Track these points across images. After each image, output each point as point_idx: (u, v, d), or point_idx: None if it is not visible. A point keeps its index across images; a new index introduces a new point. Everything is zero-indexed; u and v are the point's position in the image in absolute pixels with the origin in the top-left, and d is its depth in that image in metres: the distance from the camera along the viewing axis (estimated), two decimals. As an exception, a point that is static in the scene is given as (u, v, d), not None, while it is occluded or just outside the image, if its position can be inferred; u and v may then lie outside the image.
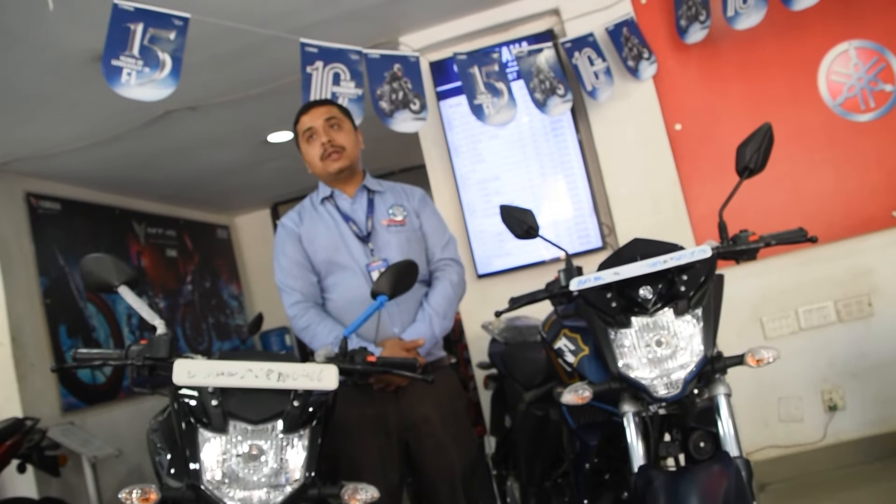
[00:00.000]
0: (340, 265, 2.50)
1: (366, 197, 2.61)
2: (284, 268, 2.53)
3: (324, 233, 2.53)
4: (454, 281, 2.60)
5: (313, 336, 2.43)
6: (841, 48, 3.86)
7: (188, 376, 1.68)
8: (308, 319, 2.46)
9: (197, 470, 1.65)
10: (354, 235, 2.53)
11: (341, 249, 2.51)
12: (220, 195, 6.87)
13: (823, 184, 3.85)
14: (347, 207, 2.58)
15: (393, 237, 2.55)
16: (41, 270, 4.81)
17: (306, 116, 2.58)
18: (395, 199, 2.63)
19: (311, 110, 2.59)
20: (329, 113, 2.57)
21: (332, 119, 2.56)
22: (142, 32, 2.90)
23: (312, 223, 2.56)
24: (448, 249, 2.67)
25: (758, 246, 2.08)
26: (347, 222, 2.55)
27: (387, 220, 2.57)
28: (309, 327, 2.44)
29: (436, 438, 2.45)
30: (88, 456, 4.22)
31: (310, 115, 2.57)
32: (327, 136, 2.53)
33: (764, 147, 2.07)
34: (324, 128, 2.54)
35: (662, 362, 1.94)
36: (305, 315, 2.46)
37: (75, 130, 4.40)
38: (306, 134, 2.56)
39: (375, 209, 2.59)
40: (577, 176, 4.05)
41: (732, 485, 1.81)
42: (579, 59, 3.87)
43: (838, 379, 3.80)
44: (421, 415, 2.44)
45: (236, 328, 7.17)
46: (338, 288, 2.51)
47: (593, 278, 2.00)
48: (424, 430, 2.44)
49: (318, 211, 2.59)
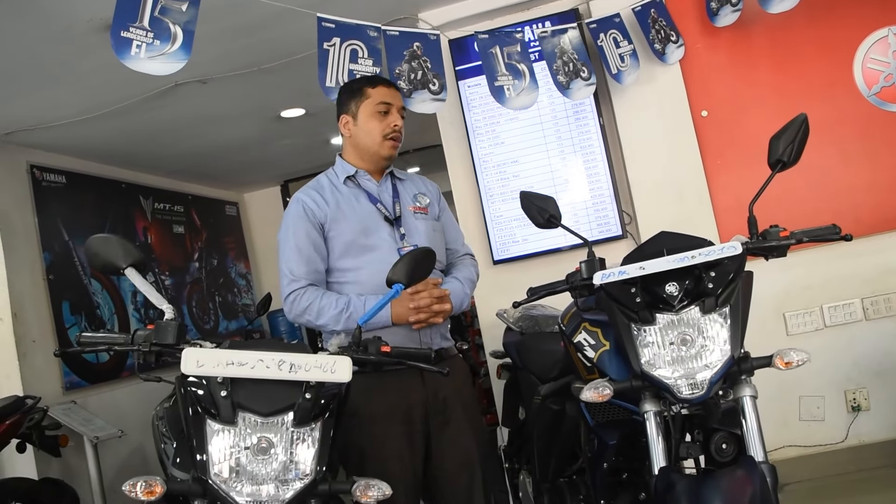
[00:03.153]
0: (369, 247, 2.41)
1: (391, 182, 2.58)
2: (295, 249, 2.40)
3: (350, 213, 2.45)
4: (474, 277, 2.64)
5: (319, 312, 2.34)
6: (880, 34, 3.74)
7: (197, 365, 1.62)
8: (309, 297, 2.36)
9: (204, 462, 1.62)
10: (384, 218, 2.47)
11: (371, 231, 2.44)
12: (229, 171, 6.79)
13: (855, 176, 3.75)
14: (374, 189, 2.53)
15: (420, 223, 2.52)
16: (44, 245, 4.72)
17: (387, 90, 2.52)
18: (417, 188, 2.63)
19: (391, 88, 2.54)
20: (402, 102, 2.58)
21: (403, 110, 2.56)
22: (152, 3, 2.77)
23: (337, 203, 2.46)
24: (466, 245, 2.74)
25: (789, 243, 2.04)
26: (375, 204, 2.49)
27: (413, 207, 2.54)
28: (311, 305, 2.35)
29: (457, 424, 2.43)
30: (90, 436, 4.14)
31: (392, 92, 2.53)
32: (399, 122, 2.50)
33: (799, 139, 2.01)
34: (399, 112, 2.52)
35: (687, 362, 1.90)
36: (304, 295, 2.36)
37: (81, 101, 4.29)
38: (381, 106, 2.48)
39: (401, 195, 2.56)
40: (599, 161, 3.94)
41: (757, 491, 1.76)
42: (604, 40, 3.75)
43: (863, 379, 3.71)
44: (443, 400, 2.41)
45: (244, 308, 7.10)
46: (364, 271, 2.41)
47: (618, 272, 1.95)
48: (446, 415, 2.42)
49: (341, 190, 2.50)
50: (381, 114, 2.47)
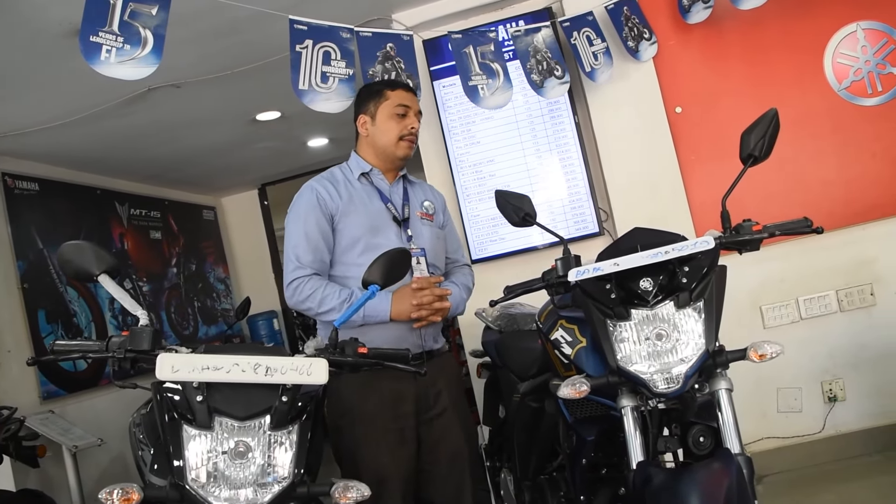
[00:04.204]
0: (376, 245, 2.42)
1: (402, 185, 2.64)
2: (304, 236, 2.43)
3: (361, 209, 2.50)
4: (470, 285, 2.75)
5: (323, 300, 2.37)
6: (848, 29, 3.77)
7: (172, 371, 1.60)
8: (312, 286, 2.39)
9: (181, 468, 1.60)
10: (392, 218, 2.52)
11: (380, 229, 2.49)
12: (206, 175, 6.73)
13: (827, 170, 3.78)
14: (386, 188, 2.59)
15: (426, 229, 2.59)
16: (18, 254, 4.65)
17: (406, 94, 2.60)
18: (425, 195, 2.70)
19: (410, 92, 2.63)
20: (418, 106, 2.64)
21: (420, 114, 2.64)
22: (122, 7, 2.73)
23: (350, 196, 2.51)
24: (464, 255, 2.84)
25: (761, 236, 2.04)
26: (386, 203, 2.54)
27: (420, 213, 2.62)
28: (315, 292, 2.38)
29: (448, 420, 2.48)
30: (69, 446, 4.09)
31: (409, 96, 2.61)
32: (416, 124, 2.59)
33: (770, 134, 2.02)
34: (416, 116, 2.60)
35: (662, 356, 1.91)
36: (308, 282, 2.40)
37: (53, 107, 4.24)
38: (400, 109, 2.56)
39: (410, 199, 2.62)
40: (574, 159, 3.95)
41: (734, 483, 1.77)
42: (578, 38, 3.76)
43: (838, 370, 3.75)
44: (435, 396, 2.46)
45: (223, 312, 7.05)
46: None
47: (592, 269, 1.96)
48: (437, 411, 2.46)
49: (354, 185, 2.55)
50: (398, 116, 2.56)
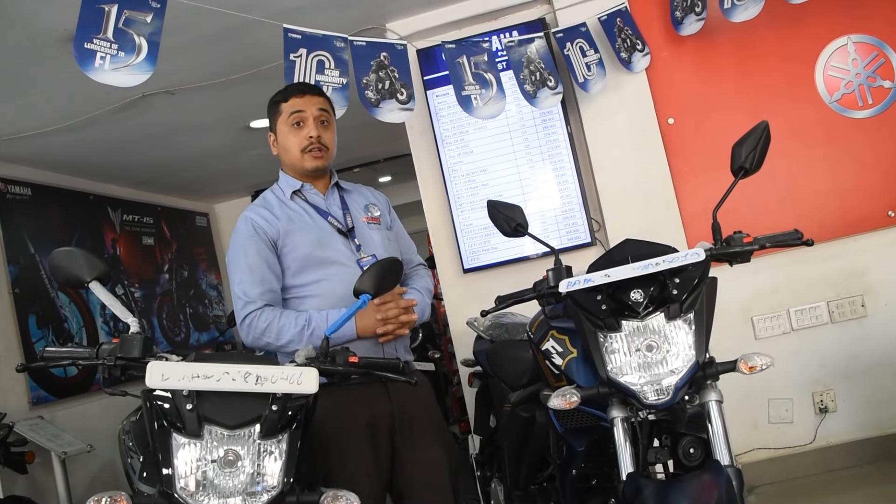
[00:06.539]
0: (325, 260, 2.35)
1: (337, 194, 2.52)
2: (247, 269, 2.30)
3: (302, 228, 2.38)
4: (430, 287, 2.60)
5: (280, 332, 2.25)
6: (839, 42, 3.80)
7: (162, 379, 1.60)
8: (266, 318, 2.27)
9: (170, 476, 1.59)
10: (336, 230, 2.40)
11: (326, 244, 2.37)
12: (199, 182, 6.73)
13: (818, 182, 3.79)
14: (321, 203, 2.46)
15: (375, 234, 2.48)
16: (9, 258, 4.65)
17: (298, 99, 2.41)
18: (366, 198, 2.57)
19: (304, 95, 2.43)
20: (322, 105, 2.44)
21: (324, 113, 2.43)
22: (116, 14, 2.72)
23: (288, 217, 2.39)
24: (417, 255, 2.67)
25: (752, 248, 2.05)
26: (326, 217, 2.42)
27: (366, 218, 2.49)
28: (271, 324, 2.26)
29: (425, 440, 2.37)
30: (58, 452, 4.07)
31: (303, 99, 2.41)
32: (317, 130, 2.39)
33: (760, 146, 2.04)
34: (315, 120, 2.40)
35: (653, 367, 1.91)
36: (261, 316, 2.27)
37: (47, 113, 4.24)
38: (294, 117, 2.39)
39: (350, 207, 2.50)
40: (567, 170, 3.96)
41: (724, 495, 1.77)
42: (571, 49, 3.77)
43: (830, 381, 3.76)
44: (410, 416, 2.35)
45: (215, 319, 7.03)
46: (324, 284, 2.35)
47: (583, 280, 1.97)
48: (415, 431, 2.35)
49: (289, 206, 2.43)
50: (294, 126, 2.40)
